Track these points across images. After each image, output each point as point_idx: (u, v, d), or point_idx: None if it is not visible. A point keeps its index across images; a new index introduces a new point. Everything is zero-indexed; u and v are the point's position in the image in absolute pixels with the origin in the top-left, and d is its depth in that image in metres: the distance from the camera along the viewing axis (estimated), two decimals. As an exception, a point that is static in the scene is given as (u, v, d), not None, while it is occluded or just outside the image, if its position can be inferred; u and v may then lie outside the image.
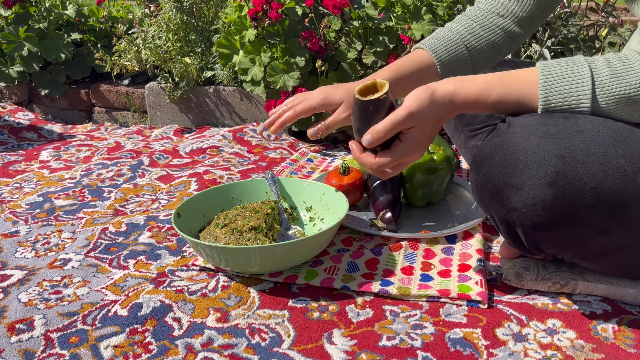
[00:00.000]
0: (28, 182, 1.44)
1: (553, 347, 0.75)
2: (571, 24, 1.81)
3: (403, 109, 0.76)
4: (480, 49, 1.00)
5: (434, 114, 0.76)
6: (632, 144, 0.69)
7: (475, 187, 0.76)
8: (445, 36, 1.00)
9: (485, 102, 0.76)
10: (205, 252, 0.89)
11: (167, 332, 0.80)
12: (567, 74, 0.73)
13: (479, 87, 0.76)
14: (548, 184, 0.68)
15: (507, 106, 0.76)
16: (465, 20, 1.02)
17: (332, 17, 1.68)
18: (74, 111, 2.19)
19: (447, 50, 0.98)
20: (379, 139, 0.78)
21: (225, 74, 1.88)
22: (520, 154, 0.70)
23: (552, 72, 0.73)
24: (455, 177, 1.27)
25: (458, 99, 0.76)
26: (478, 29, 1.00)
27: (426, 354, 0.74)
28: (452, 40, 0.99)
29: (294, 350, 0.76)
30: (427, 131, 0.78)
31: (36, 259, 1.02)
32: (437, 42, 1.00)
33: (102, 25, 2.31)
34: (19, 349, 0.77)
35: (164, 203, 1.28)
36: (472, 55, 0.99)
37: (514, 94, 0.75)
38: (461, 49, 0.99)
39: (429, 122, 0.77)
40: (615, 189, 0.68)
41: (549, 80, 0.73)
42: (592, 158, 0.68)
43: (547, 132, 0.70)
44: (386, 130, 0.77)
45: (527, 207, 0.70)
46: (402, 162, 0.80)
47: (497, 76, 0.77)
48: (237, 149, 1.67)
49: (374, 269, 0.94)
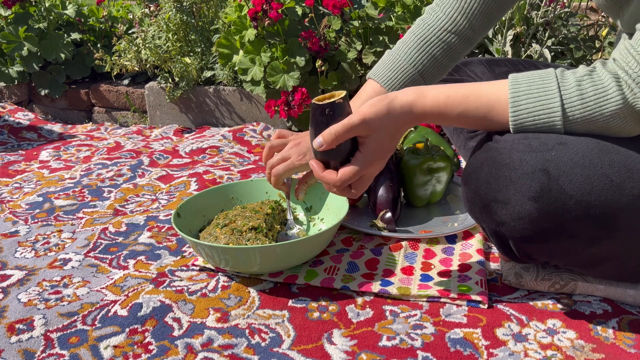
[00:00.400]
0: (28, 182, 1.44)
1: (553, 347, 0.75)
2: (571, 23, 1.81)
3: (357, 114, 0.72)
4: (431, 67, 0.95)
5: (391, 123, 0.73)
6: (617, 153, 0.68)
7: (466, 201, 0.77)
8: (393, 61, 0.95)
9: (449, 116, 0.74)
10: (205, 252, 0.89)
11: (167, 332, 0.80)
12: (535, 96, 0.69)
13: (441, 101, 0.73)
14: (532, 199, 0.68)
15: (472, 121, 0.74)
16: (411, 40, 0.96)
17: (332, 17, 1.68)
18: (73, 111, 2.19)
19: (397, 78, 0.94)
20: (330, 142, 0.73)
21: (225, 74, 1.88)
22: (504, 170, 0.70)
23: (522, 107, 0.70)
24: (455, 177, 1.27)
25: (418, 110, 0.73)
26: (425, 46, 0.94)
27: (426, 354, 0.74)
28: (401, 67, 0.94)
29: (294, 351, 0.76)
30: (385, 141, 0.74)
31: (36, 259, 1.02)
32: (385, 69, 0.95)
33: (102, 25, 2.31)
34: (18, 349, 0.77)
35: (164, 203, 1.28)
36: (423, 72, 0.95)
37: (481, 111, 0.73)
38: (412, 73, 0.94)
39: (386, 131, 0.74)
40: (602, 201, 0.67)
41: (520, 113, 0.70)
42: (577, 170, 0.68)
43: (529, 146, 0.69)
44: (338, 132, 0.72)
45: (515, 220, 0.70)
46: (364, 176, 0.76)
47: (463, 94, 0.74)
48: (237, 149, 1.67)
49: (374, 269, 0.94)
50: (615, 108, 0.66)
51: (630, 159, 0.68)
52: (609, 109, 0.66)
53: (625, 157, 0.68)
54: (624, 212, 0.68)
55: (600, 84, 0.67)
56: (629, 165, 0.68)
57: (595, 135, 0.70)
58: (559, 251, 0.73)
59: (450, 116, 0.74)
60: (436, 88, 0.74)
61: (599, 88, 0.67)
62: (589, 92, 0.67)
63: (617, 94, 0.66)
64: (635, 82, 0.64)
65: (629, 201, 0.68)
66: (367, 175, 0.77)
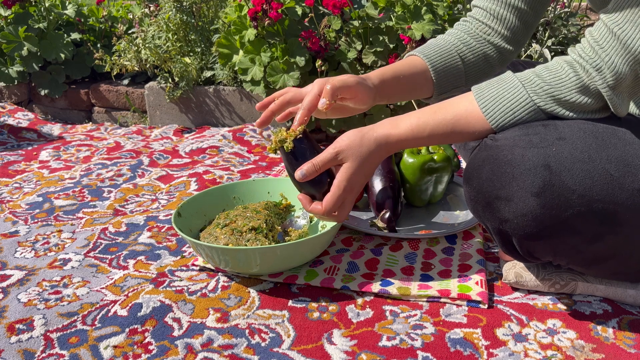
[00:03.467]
0: (28, 182, 1.44)
1: (553, 347, 0.75)
2: (571, 23, 1.81)
3: (331, 147, 0.82)
4: (475, 61, 0.99)
5: (364, 153, 0.81)
6: (615, 149, 0.70)
7: (469, 200, 0.78)
8: (438, 45, 0.99)
9: (421, 136, 0.80)
10: (205, 252, 0.89)
11: (166, 332, 0.80)
12: (500, 93, 0.76)
13: (413, 124, 0.80)
14: (535, 194, 0.69)
15: (441, 138, 0.80)
16: (458, 32, 1.00)
17: (332, 17, 1.68)
18: (73, 111, 2.19)
19: (441, 58, 0.97)
20: (311, 173, 0.83)
21: (225, 74, 1.88)
22: (506, 167, 0.71)
23: (487, 95, 0.77)
24: (456, 177, 1.27)
25: (393, 139, 0.81)
26: (471, 41, 0.98)
27: (426, 354, 0.74)
28: (446, 50, 0.98)
29: (294, 351, 0.76)
30: (359, 170, 0.81)
31: (36, 259, 1.02)
32: (430, 50, 0.98)
33: (102, 25, 2.31)
34: (18, 349, 0.77)
35: (164, 203, 1.28)
36: (466, 67, 0.98)
37: (449, 125, 0.79)
38: (455, 59, 0.98)
39: (360, 162, 0.81)
40: (604, 195, 0.68)
41: (488, 103, 0.76)
42: (578, 165, 0.68)
43: (530, 142, 0.70)
44: (316, 164, 0.83)
45: (518, 217, 0.71)
46: (345, 201, 0.84)
47: (431, 110, 0.81)
48: (237, 149, 1.67)
49: (374, 269, 0.94)
50: (571, 84, 0.72)
51: (628, 154, 0.70)
52: (566, 85, 0.72)
53: (623, 152, 0.70)
54: (626, 207, 0.68)
55: (553, 67, 0.74)
56: (627, 160, 0.69)
57: (591, 130, 0.71)
58: (562, 248, 0.73)
59: (422, 136, 0.80)
60: (409, 115, 0.82)
61: (552, 72, 0.73)
62: (545, 75, 0.74)
63: (570, 72, 0.72)
64: (590, 64, 0.70)
65: (630, 195, 0.68)
66: (349, 200, 0.85)
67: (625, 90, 0.71)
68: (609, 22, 0.70)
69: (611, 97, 0.70)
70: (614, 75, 0.69)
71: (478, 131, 0.78)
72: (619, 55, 0.68)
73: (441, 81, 0.97)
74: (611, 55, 0.69)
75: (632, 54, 0.68)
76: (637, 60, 0.68)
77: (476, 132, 0.78)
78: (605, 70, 0.69)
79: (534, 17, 0.97)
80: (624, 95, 0.71)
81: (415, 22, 1.62)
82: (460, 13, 1.78)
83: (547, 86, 0.73)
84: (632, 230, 0.71)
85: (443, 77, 0.97)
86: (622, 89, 0.71)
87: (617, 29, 0.68)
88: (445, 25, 1.70)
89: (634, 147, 0.70)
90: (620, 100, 0.71)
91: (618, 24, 0.68)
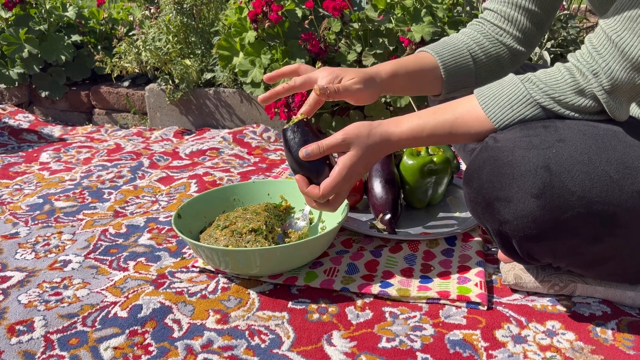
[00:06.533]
0: (28, 184, 1.44)
1: (552, 349, 0.75)
2: (570, 26, 1.81)
3: (339, 133, 0.82)
4: (487, 61, 0.99)
5: (370, 145, 0.81)
6: (615, 151, 0.70)
7: (468, 201, 0.78)
8: (450, 43, 0.99)
9: (420, 136, 0.81)
10: (205, 254, 0.89)
11: (167, 333, 0.80)
12: (500, 90, 0.77)
13: (413, 124, 0.81)
14: (535, 196, 0.69)
15: (441, 138, 0.81)
16: (471, 32, 1.00)
17: (332, 19, 1.68)
18: (74, 113, 2.20)
19: (452, 56, 0.97)
20: (315, 154, 0.83)
21: (225, 76, 1.88)
22: (506, 168, 0.71)
23: (487, 94, 0.78)
24: (455, 179, 1.27)
25: (395, 138, 0.82)
26: (484, 41, 0.98)
27: (426, 355, 0.75)
28: (458, 48, 0.98)
29: (294, 352, 0.76)
30: (361, 160, 0.82)
31: (36, 261, 1.02)
32: (442, 48, 0.98)
33: (103, 27, 2.31)
34: (19, 351, 0.77)
35: (164, 205, 1.28)
36: (477, 67, 0.98)
37: (447, 125, 0.80)
38: (466, 58, 0.97)
39: (364, 152, 0.82)
40: (603, 197, 0.68)
41: (488, 101, 0.77)
42: (578, 167, 0.69)
43: (530, 143, 0.71)
44: (322, 146, 0.83)
45: (518, 219, 0.71)
46: (342, 190, 0.84)
47: (432, 110, 0.82)
48: (237, 151, 1.67)
49: (373, 271, 0.94)
50: (566, 86, 0.73)
51: (628, 157, 0.70)
52: (561, 86, 0.73)
53: (623, 154, 0.70)
54: (625, 209, 0.69)
55: (551, 70, 0.75)
56: (627, 162, 0.69)
57: (592, 132, 0.71)
58: (561, 250, 0.74)
59: (422, 135, 0.81)
60: (411, 115, 0.82)
61: (550, 73, 0.75)
62: (542, 76, 0.75)
63: (567, 74, 0.73)
64: (587, 68, 0.71)
65: (629, 197, 0.68)
66: (345, 189, 0.85)
67: (623, 95, 0.71)
68: (607, 29, 0.70)
69: (607, 101, 0.71)
70: (610, 80, 0.70)
71: (477, 132, 0.78)
72: (617, 62, 0.69)
73: (450, 79, 0.97)
74: (608, 61, 0.70)
75: (629, 61, 0.68)
76: (634, 66, 0.68)
77: (476, 132, 0.78)
78: (602, 75, 0.70)
79: (545, 18, 0.97)
80: (622, 100, 0.72)
81: (415, 25, 1.62)
82: (459, 15, 1.78)
83: (544, 86, 0.74)
84: (631, 232, 0.71)
85: (453, 75, 0.97)
86: (620, 94, 0.71)
87: (615, 37, 0.69)
88: (444, 28, 1.71)
89: (634, 150, 0.70)
90: (617, 105, 0.71)
91: (616, 32, 0.69)
